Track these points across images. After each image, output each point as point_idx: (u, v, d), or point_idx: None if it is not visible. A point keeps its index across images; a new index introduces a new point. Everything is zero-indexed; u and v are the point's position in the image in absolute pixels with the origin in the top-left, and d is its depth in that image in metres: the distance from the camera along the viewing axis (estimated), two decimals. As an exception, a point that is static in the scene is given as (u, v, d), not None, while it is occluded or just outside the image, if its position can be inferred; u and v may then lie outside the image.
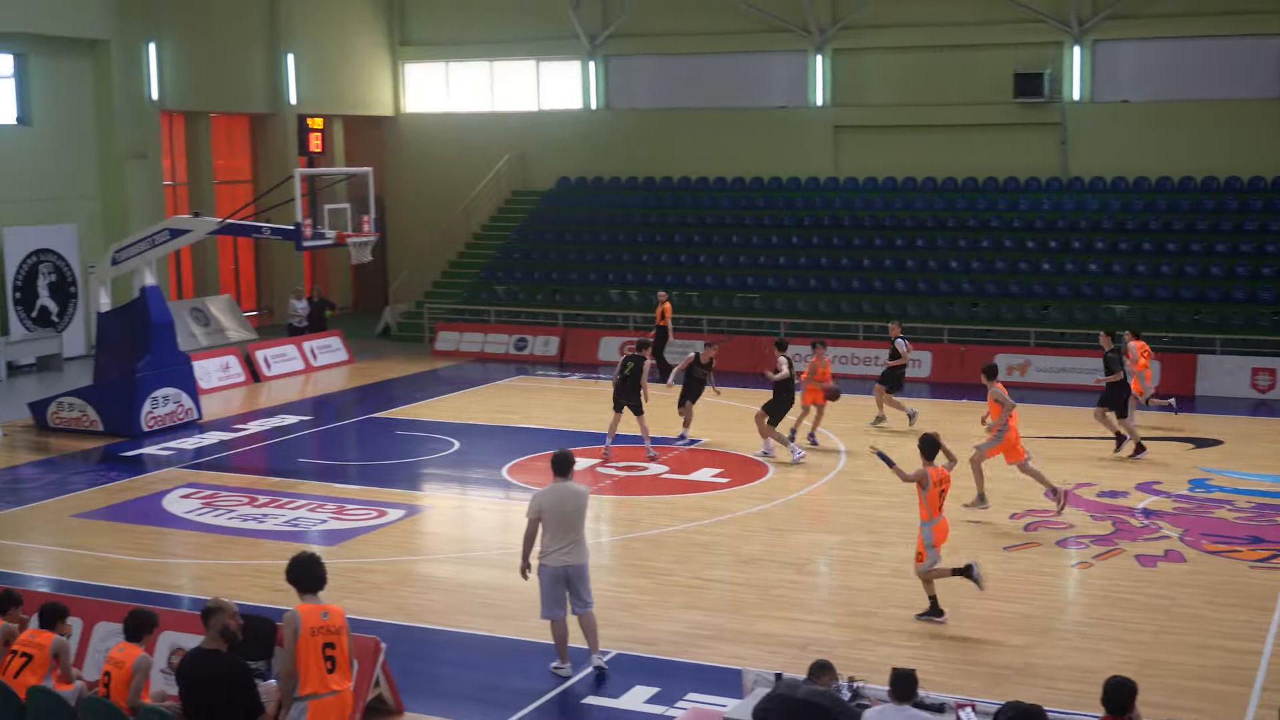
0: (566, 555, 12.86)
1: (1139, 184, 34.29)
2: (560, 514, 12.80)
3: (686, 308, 33.95)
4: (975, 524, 18.25)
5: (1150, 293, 31.31)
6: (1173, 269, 31.81)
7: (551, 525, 12.81)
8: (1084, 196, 34.42)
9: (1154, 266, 31.96)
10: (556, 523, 12.81)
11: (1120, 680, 9.08)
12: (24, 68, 32.46)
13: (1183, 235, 32.59)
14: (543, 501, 12.85)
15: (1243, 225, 32.43)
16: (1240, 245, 32.01)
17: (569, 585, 12.96)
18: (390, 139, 42.71)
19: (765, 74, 38.43)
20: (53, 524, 18.71)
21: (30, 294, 31.75)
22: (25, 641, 11.25)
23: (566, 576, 12.92)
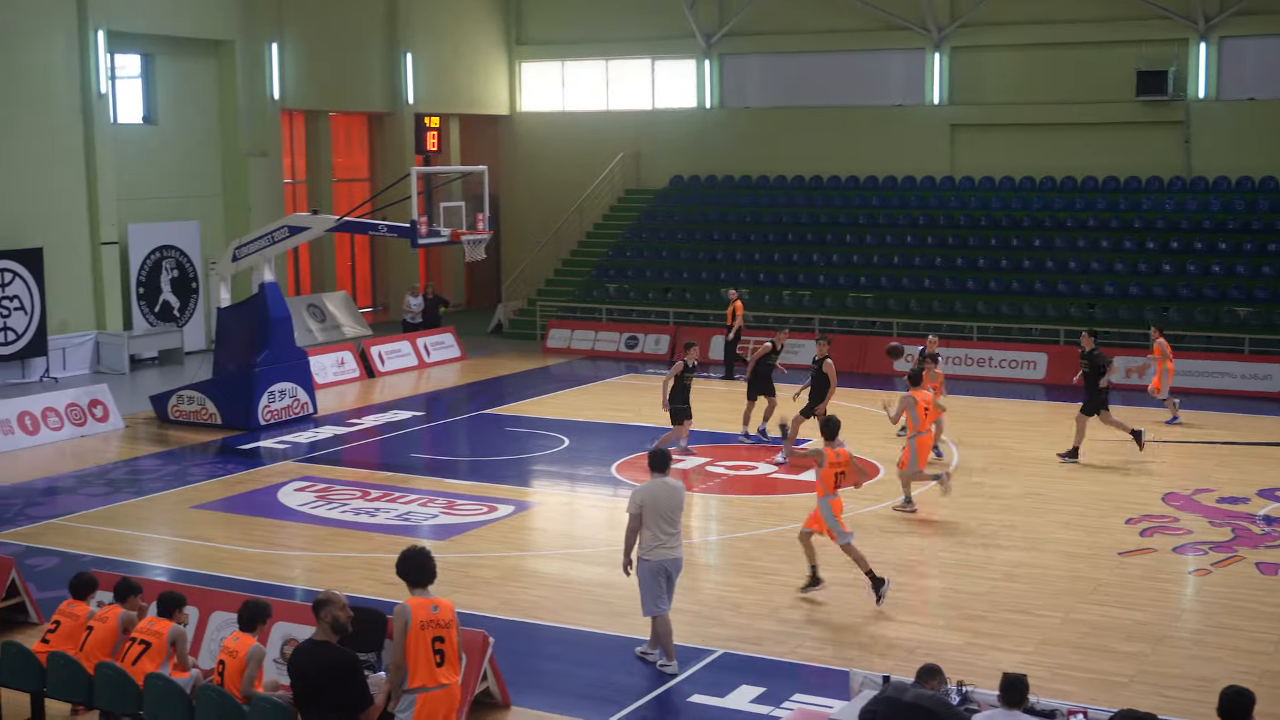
0: (667, 550, 12.94)
1: (1265, 184, 33.51)
2: (660, 509, 12.89)
3: (797, 307, 33.84)
4: (1091, 530, 17.93)
5: (1275, 295, 30.58)
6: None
7: (651, 520, 12.89)
8: (1207, 197, 33.71)
9: (1279, 268, 31.22)
10: (656, 518, 12.88)
11: (1238, 690, 8.83)
12: (150, 68, 33.17)
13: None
14: (643, 497, 12.94)
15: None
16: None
17: (668, 580, 13.01)
18: (505, 137, 43.01)
19: (881, 72, 38.14)
20: (172, 515, 19.07)
21: (153, 289, 32.43)
22: (144, 629, 11.49)
23: (667, 571, 12.98)
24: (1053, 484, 20.47)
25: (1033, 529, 18.00)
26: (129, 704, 11.09)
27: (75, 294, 30.45)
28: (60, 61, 30.00)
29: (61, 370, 29.70)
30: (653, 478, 13.09)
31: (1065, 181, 35.55)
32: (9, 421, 23.21)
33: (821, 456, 15.14)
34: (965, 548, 17.27)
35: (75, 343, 30.30)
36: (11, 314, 28.43)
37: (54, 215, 29.90)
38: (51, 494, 20.21)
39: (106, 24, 30.58)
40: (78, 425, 24.08)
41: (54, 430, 23.73)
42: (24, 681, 11.63)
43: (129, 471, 21.73)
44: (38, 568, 16.29)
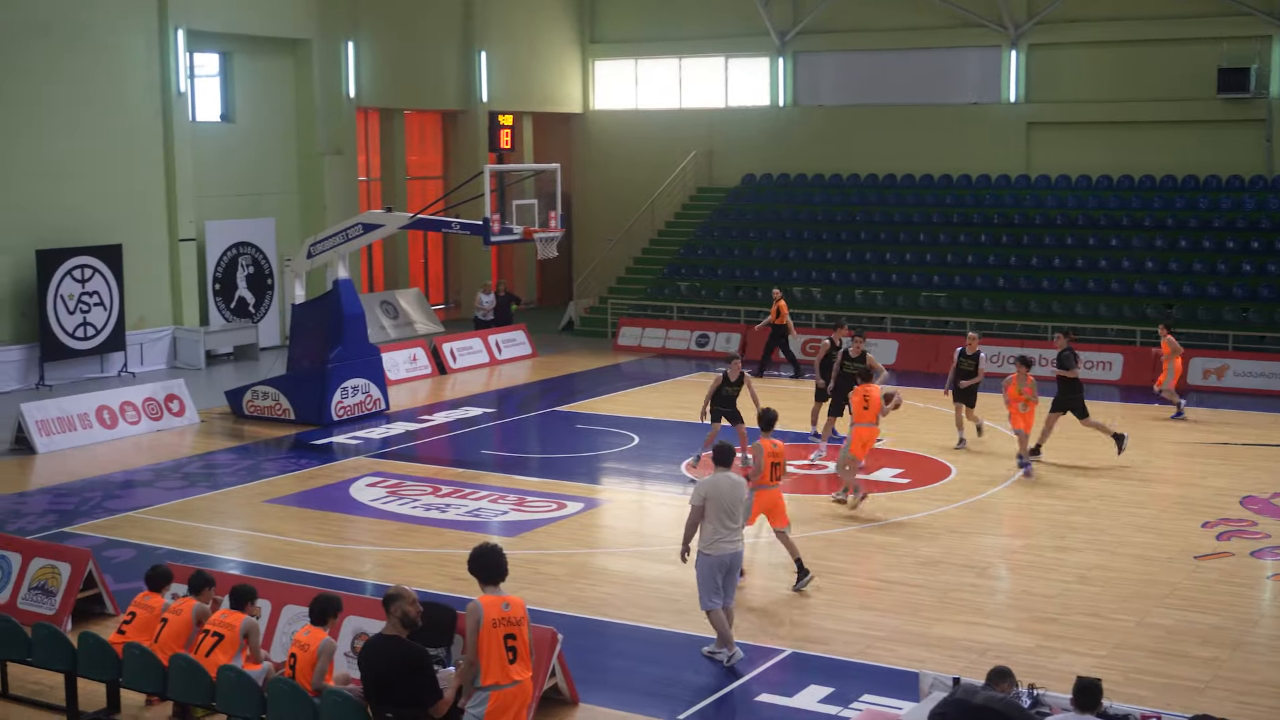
0: (727, 544, 13.00)
1: (1349, 183, 32.98)
2: (722, 503, 12.97)
3: (870, 306, 33.66)
4: (1166, 534, 17.71)
5: (1359, 296, 30.09)
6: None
7: (714, 514, 12.95)
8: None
9: (1364, 269, 30.73)
10: (719, 511, 12.95)
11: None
12: (228, 67, 33.55)
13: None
14: (706, 490, 13.02)
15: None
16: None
17: (726, 574, 13.05)
18: (578, 135, 43.09)
19: (956, 70, 37.86)
20: (245, 508, 19.27)
21: (229, 285, 32.78)
22: (217, 622, 11.62)
23: (728, 565, 13.03)
24: (1128, 486, 20.22)
25: (1106, 531, 17.80)
26: (202, 695, 11.22)
27: (153, 290, 30.85)
28: (140, 61, 30.41)
29: (139, 365, 30.10)
30: (716, 471, 13.20)
31: (1143, 180, 35.11)
32: (88, 415, 23.56)
33: (760, 450, 15.27)
34: (1038, 550, 17.10)
35: (152, 338, 30.70)
36: (91, 309, 28.84)
37: (133, 212, 30.31)
38: (128, 487, 20.47)
39: (186, 23, 30.95)
40: (154, 420, 24.39)
41: (131, 424, 24.05)
42: (100, 672, 11.79)
43: (204, 466, 21.98)
44: (114, 560, 16.52)
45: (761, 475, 15.25)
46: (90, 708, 11.99)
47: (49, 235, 28.41)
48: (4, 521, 18.29)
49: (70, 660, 11.87)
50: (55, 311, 28.10)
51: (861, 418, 18.98)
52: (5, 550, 14.65)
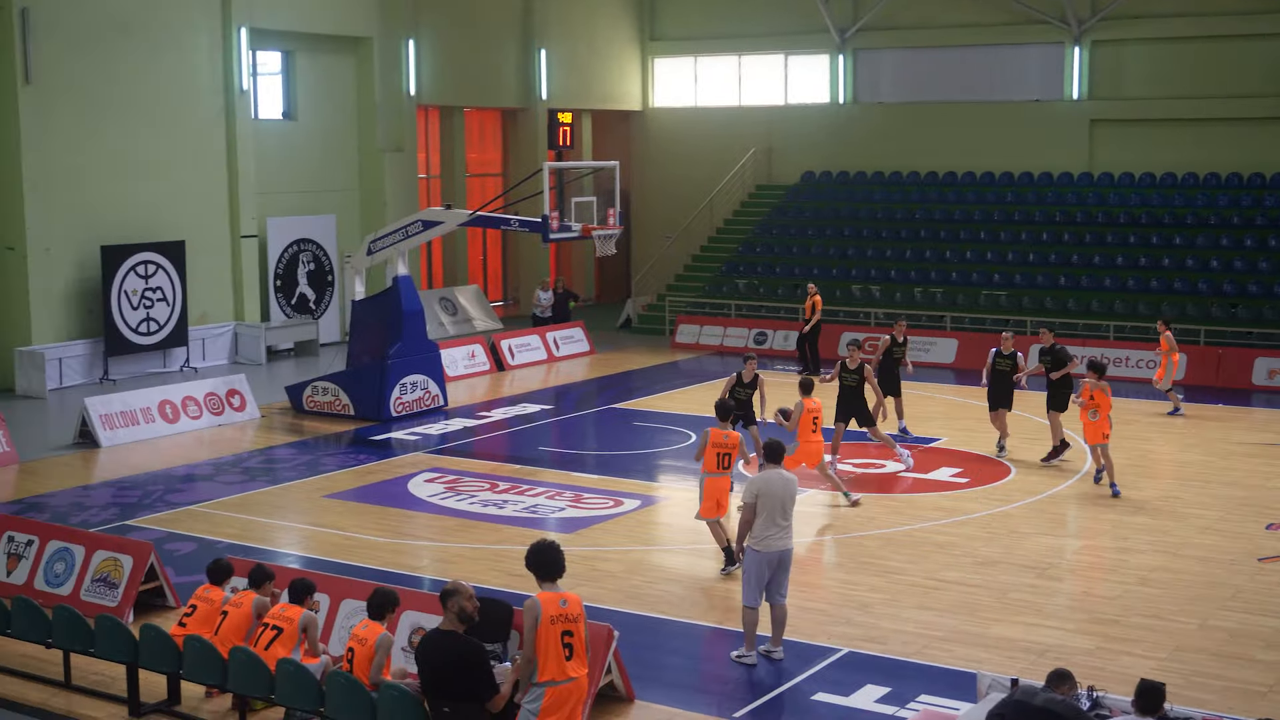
0: (778, 540, 12.99)
1: None
2: (774, 500, 12.97)
3: (930, 304, 33.48)
4: (1229, 535, 17.50)
5: None
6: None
7: (765, 510, 12.95)
8: (1358, 193, 32.73)
9: None
10: (770, 508, 12.95)
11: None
12: (290, 65, 33.81)
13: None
14: (758, 487, 13.04)
15: None
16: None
17: (774, 572, 13.03)
18: (637, 133, 43.12)
19: (1018, 67, 37.59)
20: (305, 503, 19.40)
21: (290, 282, 33.04)
22: (276, 615, 11.70)
23: (778, 561, 13.02)
24: (1191, 487, 20.00)
25: (1169, 533, 17.61)
26: (261, 688, 11.30)
27: (215, 286, 31.15)
28: (204, 59, 30.70)
29: (201, 360, 30.40)
30: (767, 468, 13.25)
31: (1208, 178, 34.72)
32: (150, 410, 23.80)
33: (705, 436, 15.81)
34: (1099, 551, 16.96)
35: (214, 334, 30.99)
36: (154, 305, 29.14)
37: (196, 209, 30.61)
38: (190, 481, 20.67)
39: (249, 22, 31.22)
40: (216, 414, 24.61)
41: (193, 419, 24.28)
42: (161, 663, 11.90)
43: (264, 460, 22.15)
44: (176, 553, 16.68)
45: (706, 463, 15.82)
46: (151, 699, 12.11)
47: (114, 232, 28.74)
48: (68, 514, 18.51)
49: (132, 652, 12.00)
50: (119, 307, 28.42)
51: (804, 434, 18.43)
52: (69, 543, 14.82)
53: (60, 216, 27.95)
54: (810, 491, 19.69)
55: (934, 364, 31.18)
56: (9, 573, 14.86)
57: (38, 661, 13.00)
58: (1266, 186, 33.90)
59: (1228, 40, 34.58)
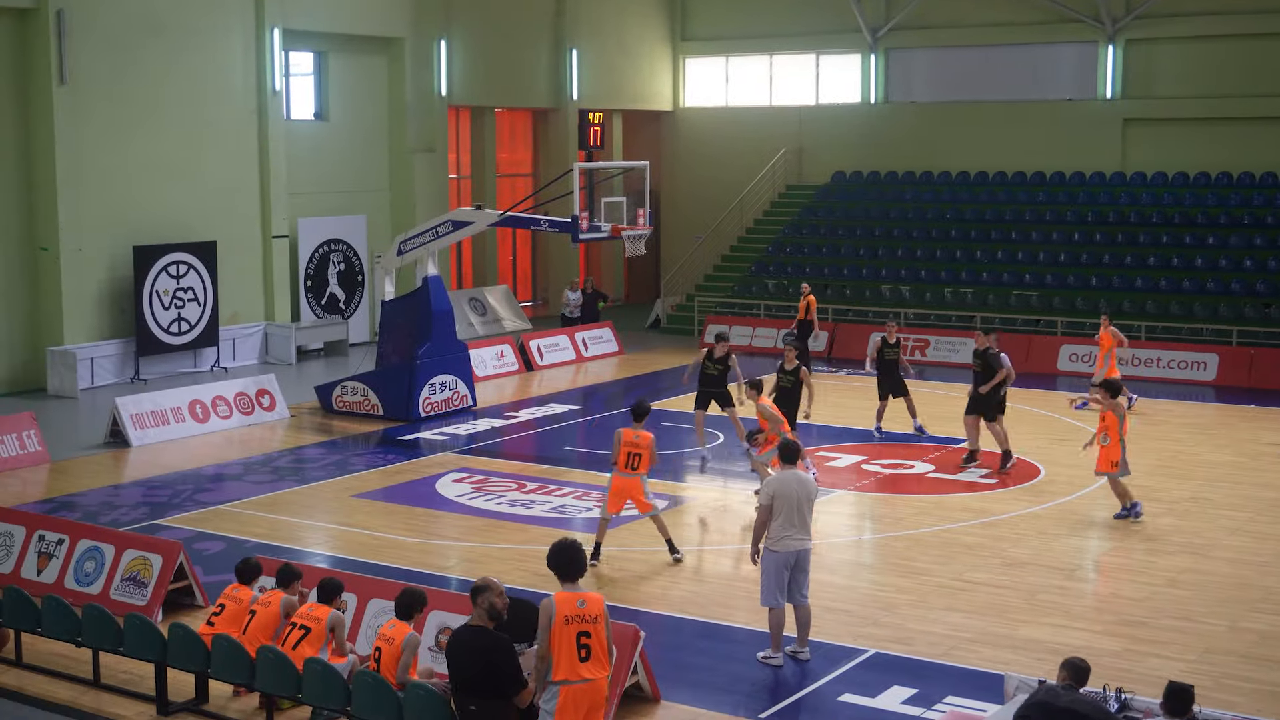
0: (795, 541, 12.98)
1: None
2: (790, 501, 12.96)
3: (960, 304, 33.36)
4: (1260, 537, 17.38)
5: None
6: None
7: (781, 511, 12.95)
8: (1393, 193, 32.45)
9: None
10: (787, 509, 12.95)
11: None
12: (323, 65, 33.94)
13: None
14: (775, 488, 13.05)
15: None
16: None
17: (792, 573, 13.02)
18: (668, 133, 43.12)
19: (1051, 66, 37.43)
20: (333, 503, 19.47)
21: (320, 282, 33.16)
22: (304, 615, 11.76)
23: (795, 562, 13.01)
24: (1221, 488, 19.87)
25: (1199, 534, 17.51)
26: (289, 687, 11.35)
27: (246, 286, 31.29)
28: (237, 60, 30.86)
29: (231, 360, 30.55)
30: (783, 469, 13.25)
31: (1242, 178, 34.49)
32: (181, 409, 23.92)
33: (619, 437, 16.08)
34: (1127, 552, 16.86)
35: (245, 333, 31.14)
36: (186, 305, 29.29)
37: (228, 210, 30.76)
38: (219, 480, 20.77)
39: (282, 23, 31.36)
40: (245, 414, 24.72)
41: (223, 418, 24.39)
42: (189, 662, 11.97)
43: (293, 460, 22.23)
44: (205, 552, 16.76)
45: (617, 462, 16.03)
46: (179, 698, 12.17)
47: (145, 232, 28.91)
48: (98, 513, 18.63)
49: (160, 650, 12.06)
50: (151, 307, 28.58)
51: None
52: (99, 542, 14.92)
53: (93, 217, 28.14)
54: (838, 493, 19.66)
55: (964, 365, 30.97)
56: (40, 571, 14.97)
57: (67, 660, 13.08)
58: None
59: (1261, 39, 34.33)
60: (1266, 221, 32.93)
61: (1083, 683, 9.51)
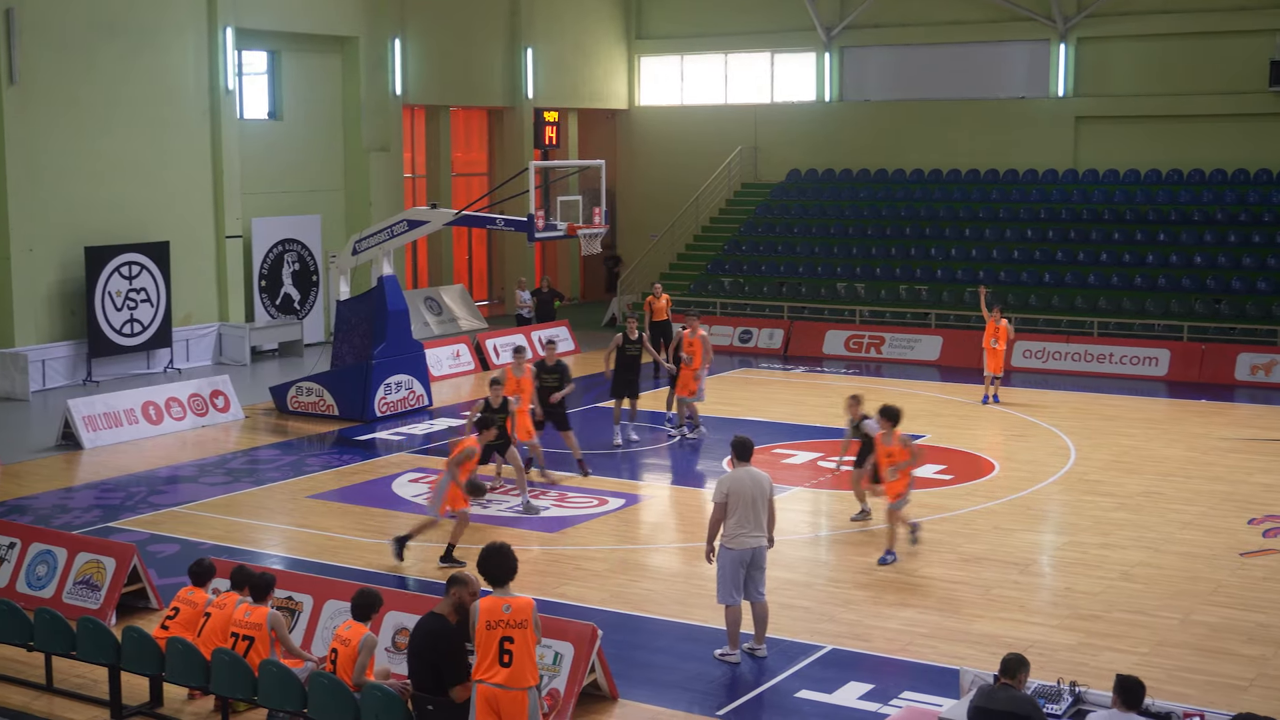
0: (750, 538, 12.99)
1: (1401, 176, 32.55)
2: (745, 498, 12.95)
3: (915, 302, 33.52)
4: (1212, 531, 17.54)
5: None
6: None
7: (736, 508, 12.96)
8: (1341, 190, 32.81)
9: None
10: (741, 506, 12.95)
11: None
12: (276, 64, 33.75)
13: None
14: (728, 486, 13.03)
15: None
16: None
17: (748, 571, 13.05)
18: (623, 131, 43.13)
19: (1004, 64, 37.66)
20: (288, 504, 19.37)
21: (275, 282, 32.98)
22: (241, 623, 11.62)
23: (749, 560, 13.03)
24: (1173, 483, 20.05)
25: (1151, 529, 17.66)
26: (244, 690, 11.29)
27: (199, 287, 31.08)
28: (189, 59, 30.63)
29: (185, 361, 30.34)
30: (737, 466, 13.20)
31: (1192, 174, 34.80)
32: (134, 411, 23.74)
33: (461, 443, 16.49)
34: (1081, 547, 16.98)
35: (199, 334, 30.93)
36: (138, 306, 29.07)
37: (181, 210, 30.54)
38: (173, 482, 20.63)
39: (235, 22, 31.15)
40: (199, 415, 24.56)
41: (177, 420, 24.23)
42: (143, 666, 11.88)
43: (248, 461, 22.11)
44: (159, 554, 16.64)
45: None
46: (133, 702, 12.09)
47: (97, 233, 28.68)
48: (50, 516, 18.45)
49: (114, 654, 11.97)
50: (103, 308, 28.36)
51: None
52: (51, 545, 14.78)
53: (44, 217, 27.88)
54: (794, 489, 19.73)
55: (919, 361, 31.24)
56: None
57: (19, 664, 12.97)
58: (1250, 183, 33.98)
59: (1212, 37, 34.66)
60: (1216, 218, 33.25)
61: (1135, 704, 9.39)
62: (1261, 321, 29.95)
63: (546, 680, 11.67)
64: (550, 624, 11.78)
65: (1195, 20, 34.74)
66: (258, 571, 12.19)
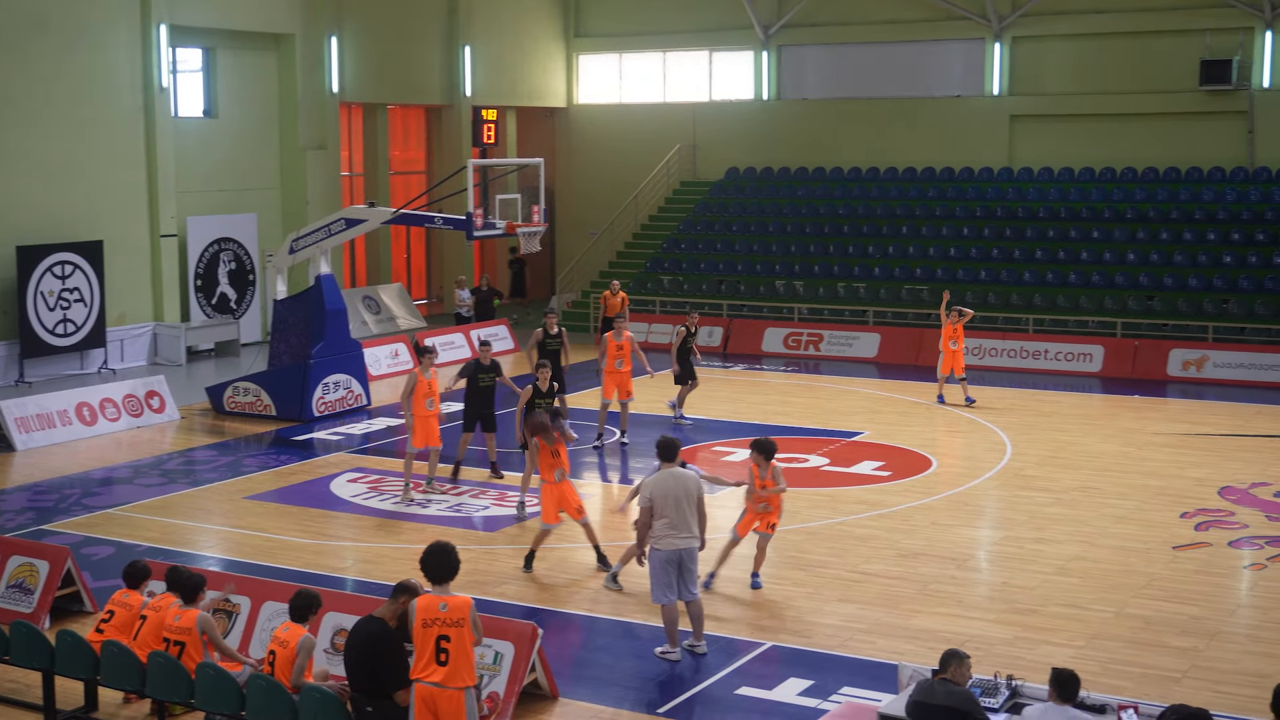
0: (679, 539, 12.98)
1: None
2: (671, 499, 12.96)
3: (853, 299, 33.69)
4: (1145, 525, 17.76)
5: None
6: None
7: (662, 510, 12.98)
8: (1270, 188, 33.24)
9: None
10: (666, 507, 12.97)
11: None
12: (211, 62, 33.44)
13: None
14: (653, 488, 13.06)
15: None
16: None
17: (679, 570, 13.05)
18: (562, 130, 43.07)
19: (940, 63, 37.91)
20: (225, 505, 19.22)
21: (211, 281, 32.70)
22: (172, 628, 11.49)
23: (679, 561, 13.02)
24: (1107, 478, 20.27)
25: (1087, 523, 17.85)
26: (181, 693, 11.19)
27: (134, 286, 30.75)
28: (123, 56, 30.29)
29: (119, 362, 30.01)
30: (662, 467, 13.21)
31: (1125, 172, 35.18)
32: (67, 412, 23.48)
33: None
34: (1018, 542, 17.13)
35: (133, 334, 30.61)
36: (72, 306, 28.75)
37: (114, 208, 30.21)
38: (107, 484, 20.42)
39: (169, 19, 30.84)
40: (134, 416, 24.32)
41: (111, 421, 23.98)
42: (78, 670, 11.75)
43: (184, 462, 21.92)
44: (93, 557, 16.47)
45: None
46: (68, 706, 11.96)
47: (29, 232, 28.30)
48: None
49: (48, 658, 11.83)
50: (35, 308, 28.01)
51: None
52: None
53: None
54: (733, 487, 19.76)
55: (857, 359, 31.41)
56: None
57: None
58: (1181, 181, 34.40)
59: (1143, 37, 35.06)
60: (1148, 215, 33.63)
61: (1070, 697, 9.49)
62: (1193, 318, 30.31)
63: (487, 680, 11.66)
64: (491, 623, 11.77)
65: (1127, 20, 35.15)
66: (192, 573, 12.08)
